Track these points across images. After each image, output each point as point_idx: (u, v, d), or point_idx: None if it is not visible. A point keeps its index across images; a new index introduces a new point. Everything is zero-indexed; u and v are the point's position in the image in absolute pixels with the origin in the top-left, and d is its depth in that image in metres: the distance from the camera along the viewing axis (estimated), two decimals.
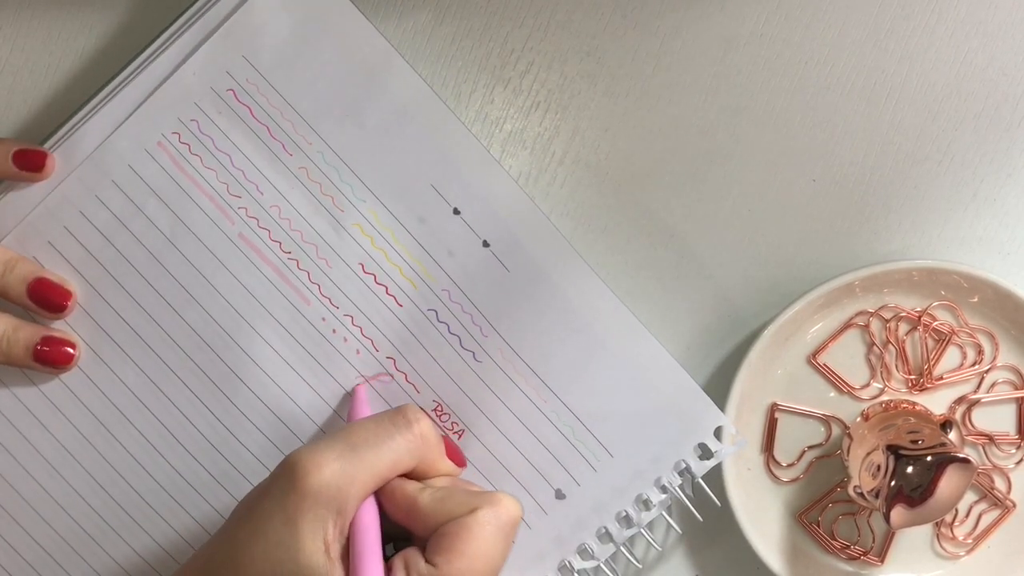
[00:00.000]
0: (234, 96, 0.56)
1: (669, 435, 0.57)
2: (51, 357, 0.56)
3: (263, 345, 0.57)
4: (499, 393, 0.57)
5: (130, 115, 0.55)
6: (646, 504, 0.58)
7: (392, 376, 0.57)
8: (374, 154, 0.56)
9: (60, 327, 0.56)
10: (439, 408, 0.57)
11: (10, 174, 0.55)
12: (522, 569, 0.58)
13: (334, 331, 0.57)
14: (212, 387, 0.57)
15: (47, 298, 0.55)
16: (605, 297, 0.57)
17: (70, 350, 0.56)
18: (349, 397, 0.57)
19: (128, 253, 0.56)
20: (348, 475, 0.47)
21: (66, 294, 0.56)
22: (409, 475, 0.51)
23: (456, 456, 0.54)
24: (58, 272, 0.56)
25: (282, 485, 0.47)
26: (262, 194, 0.56)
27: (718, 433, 0.57)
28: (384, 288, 0.57)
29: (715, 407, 0.57)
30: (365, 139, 0.56)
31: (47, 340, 0.56)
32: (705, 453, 0.58)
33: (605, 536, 0.58)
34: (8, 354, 0.55)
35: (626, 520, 0.58)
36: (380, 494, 0.50)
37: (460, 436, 0.57)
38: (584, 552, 0.58)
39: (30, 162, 0.55)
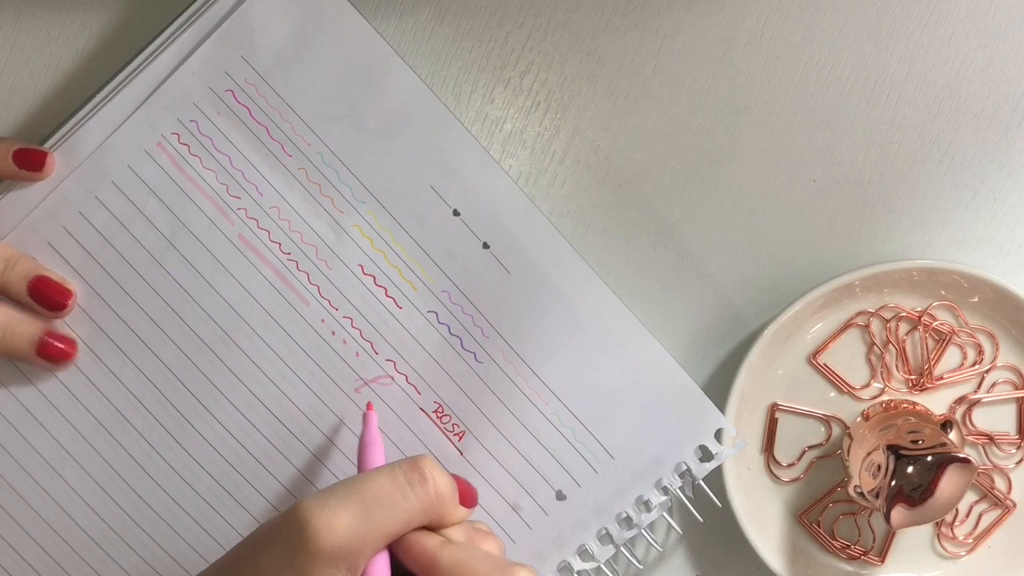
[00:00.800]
0: (233, 97, 0.56)
1: (669, 437, 0.57)
2: (52, 351, 0.56)
3: (262, 346, 0.57)
4: (500, 394, 0.57)
5: (130, 116, 0.55)
6: (647, 505, 0.58)
7: (392, 378, 0.57)
8: (373, 155, 0.56)
9: (59, 327, 0.56)
10: (440, 410, 0.57)
11: (10, 173, 0.55)
12: None
13: (333, 333, 0.57)
14: (211, 388, 0.57)
15: (48, 296, 0.55)
16: (606, 298, 0.57)
17: (70, 347, 0.56)
18: (349, 401, 0.57)
19: (127, 254, 0.56)
20: (360, 536, 0.46)
21: (67, 293, 0.56)
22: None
23: (469, 499, 0.51)
24: (58, 272, 0.56)
25: (291, 540, 0.46)
26: (262, 195, 0.56)
27: (718, 435, 0.57)
28: (384, 290, 0.57)
29: (715, 409, 0.57)
30: (364, 140, 0.56)
31: (50, 334, 0.56)
32: (705, 455, 0.57)
33: (606, 537, 0.58)
34: (10, 346, 0.55)
35: (627, 521, 0.58)
36: (395, 546, 0.48)
37: (461, 437, 0.57)
38: (584, 553, 0.58)
39: (30, 161, 0.55)
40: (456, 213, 0.56)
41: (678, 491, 0.58)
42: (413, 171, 0.56)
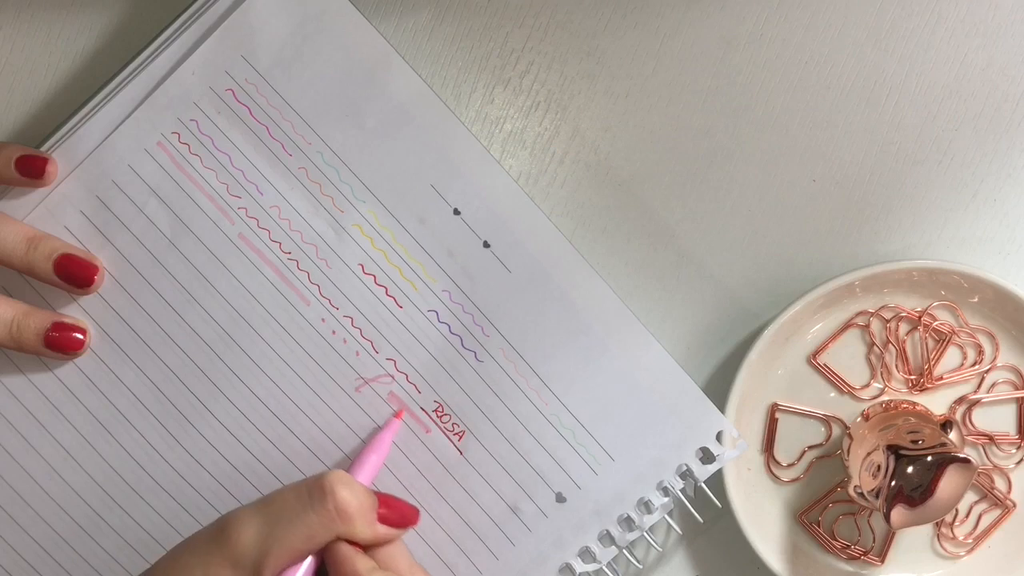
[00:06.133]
0: (233, 96, 0.56)
1: (670, 438, 0.57)
2: (61, 343, 0.55)
3: (263, 346, 0.57)
4: (500, 394, 0.57)
5: (130, 115, 0.55)
6: (648, 507, 0.58)
7: (392, 377, 0.57)
8: (374, 154, 0.56)
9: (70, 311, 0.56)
10: (440, 409, 0.57)
11: (12, 180, 0.54)
12: (522, 572, 0.58)
13: (334, 332, 0.57)
14: (212, 387, 0.57)
15: (74, 273, 0.55)
16: (607, 298, 0.57)
17: (80, 336, 0.56)
18: (349, 400, 0.57)
19: (128, 253, 0.56)
20: (261, 548, 0.48)
21: (93, 268, 0.55)
22: (363, 543, 0.51)
23: (396, 519, 0.52)
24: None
25: (209, 544, 0.49)
26: (262, 194, 0.56)
27: (719, 436, 0.57)
28: (384, 289, 0.57)
29: (716, 410, 0.57)
30: (364, 139, 0.56)
31: (57, 326, 0.55)
32: (707, 456, 0.57)
33: (607, 539, 0.58)
34: (19, 340, 0.55)
35: (628, 523, 0.58)
36: (329, 559, 0.50)
37: (461, 437, 0.57)
38: (586, 554, 0.58)
39: (32, 168, 0.54)
40: (457, 212, 0.56)
41: (679, 493, 0.58)
42: (413, 170, 0.56)
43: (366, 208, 0.56)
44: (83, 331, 0.56)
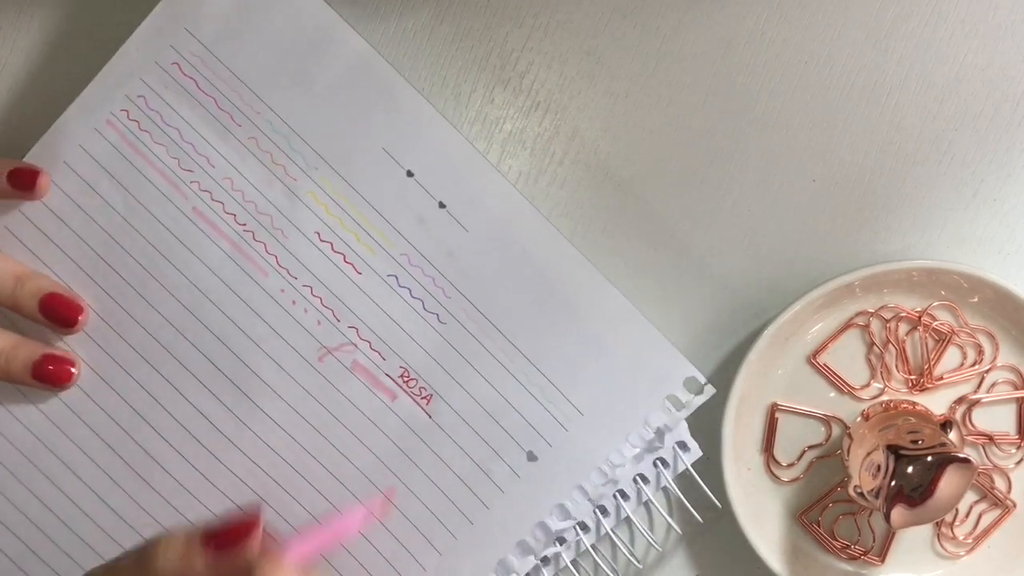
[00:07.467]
0: (179, 69, 0.55)
1: (639, 389, 0.57)
2: (50, 375, 0.56)
3: (223, 320, 0.56)
4: (466, 355, 0.57)
5: (78, 95, 0.55)
6: (621, 459, 0.57)
7: (356, 345, 0.57)
8: (323, 120, 0.56)
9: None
10: (405, 374, 0.57)
11: (4, 192, 0.55)
12: (495, 535, 0.58)
13: (294, 302, 0.56)
14: (176, 364, 0.56)
15: (59, 313, 0.55)
16: (566, 251, 0.56)
17: (70, 369, 0.56)
18: (313, 370, 0.57)
19: (84, 234, 0.56)
20: None
21: (77, 308, 0.56)
22: None
23: (229, 539, 0.45)
24: (11, 254, 0.56)
25: None
26: (213, 167, 0.56)
27: (688, 384, 0.57)
28: (342, 256, 0.56)
29: (683, 358, 0.57)
30: (313, 106, 0.56)
31: (47, 358, 0.56)
32: (676, 404, 0.57)
33: (581, 493, 0.58)
34: (8, 371, 0.55)
35: (602, 476, 0.57)
36: None
37: (428, 401, 0.57)
38: (561, 511, 0.58)
39: (23, 180, 0.55)
40: (410, 174, 0.56)
41: (652, 442, 0.57)
42: (364, 134, 0.56)
43: (319, 175, 0.56)
44: (72, 363, 0.56)
